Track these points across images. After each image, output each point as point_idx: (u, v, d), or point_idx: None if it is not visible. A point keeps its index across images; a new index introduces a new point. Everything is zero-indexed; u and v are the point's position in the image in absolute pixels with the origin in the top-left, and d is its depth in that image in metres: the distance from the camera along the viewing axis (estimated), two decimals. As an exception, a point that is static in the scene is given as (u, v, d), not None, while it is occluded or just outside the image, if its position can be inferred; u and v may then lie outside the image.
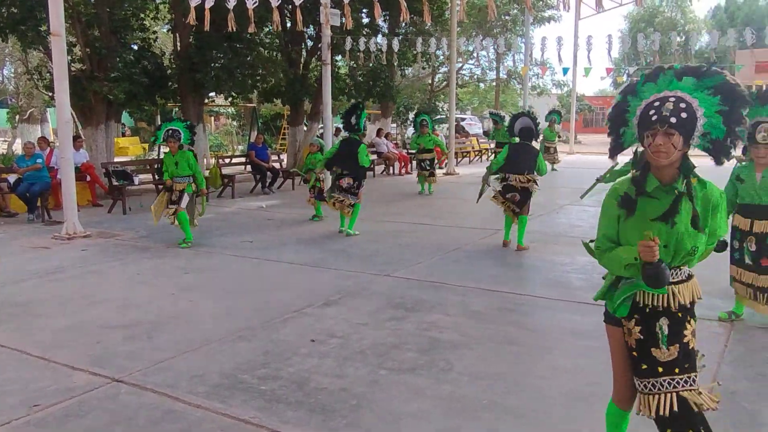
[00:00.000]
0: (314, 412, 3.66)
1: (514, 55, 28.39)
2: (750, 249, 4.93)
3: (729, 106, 2.47)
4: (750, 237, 4.91)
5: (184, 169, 8.24)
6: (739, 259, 5.03)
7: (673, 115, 2.44)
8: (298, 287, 6.32)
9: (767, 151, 4.70)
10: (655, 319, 2.60)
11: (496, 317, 5.35)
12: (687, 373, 2.57)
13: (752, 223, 4.89)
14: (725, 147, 2.50)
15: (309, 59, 18.48)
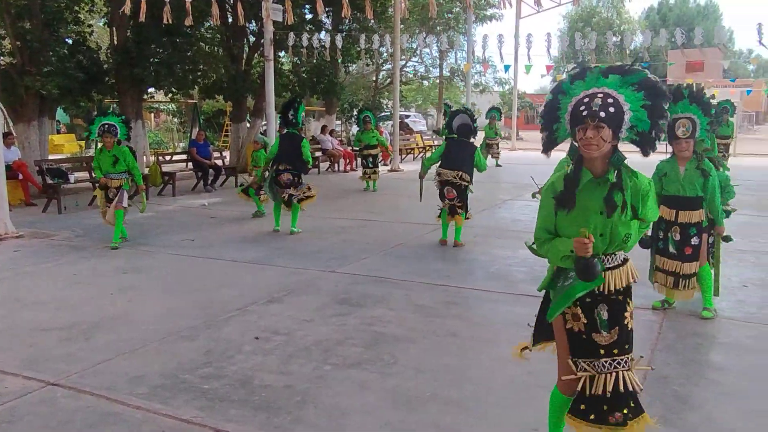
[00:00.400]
0: (258, 409, 3.63)
1: (457, 52, 28.75)
2: (674, 238, 5.16)
3: (652, 101, 2.62)
4: (675, 227, 5.14)
5: (120, 165, 8.01)
6: (663, 248, 5.25)
7: (602, 110, 2.59)
8: (242, 285, 6.25)
9: (687, 144, 4.94)
10: (594, 305, 2.76)
11: (440, 311, 5.42)
12: (626, 354, 2.76)
13: (677, 213, 5.11)
14: (651, 139, 2.66)
15: (251, 55, 18.23)
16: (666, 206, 5.15)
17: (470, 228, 9.07)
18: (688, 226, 5.11)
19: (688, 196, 5.06)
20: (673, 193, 5.12)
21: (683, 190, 5.07)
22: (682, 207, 5.09)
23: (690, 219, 5.10)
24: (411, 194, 12.82)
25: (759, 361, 4.31)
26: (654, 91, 2.64)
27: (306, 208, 9.09)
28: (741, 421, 3.45)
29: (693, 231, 5.11)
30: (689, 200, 5.07)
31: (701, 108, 4.91)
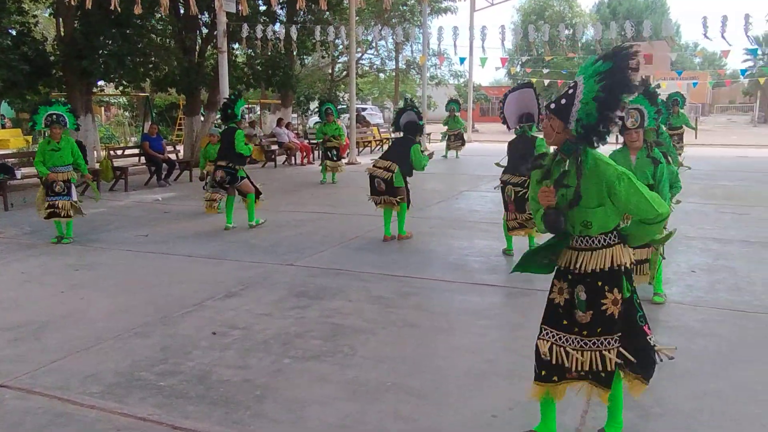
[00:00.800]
0: (216, 405, 3.59)
1: (413, 45, 28.83)
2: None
3: (607, 94, 2.69)
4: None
5: (67, 157, 7.73)
6: None
7: (555, 101, 2.82)
8: (198, 280, 6.16)
9: (638, 134, 5.07)
10: (574, 284, 2.93)
11: (398, 301, 5.45)
12: (597, 337, 2.88)
13: None
14: (597, 131, 2.75)
15: (205, 47, 17.92)
16: None
17: (427, 219, 9.15)
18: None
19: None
20: None
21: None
22: None
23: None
24: (367, 186, 12.82)
25: (707, 344, 4.46)
26: (613, 82, 2.68)
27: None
28: (690, 402, 3.56)
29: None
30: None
31: (648, 98, 5.07)
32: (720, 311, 5.15)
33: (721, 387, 3.75)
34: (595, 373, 2.90)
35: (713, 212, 9.67)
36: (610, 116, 2.72)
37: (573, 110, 2.75)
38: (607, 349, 2.86)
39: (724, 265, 6.57)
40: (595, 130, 2.75)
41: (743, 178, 14.11)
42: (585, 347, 2.89)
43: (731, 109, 62.02)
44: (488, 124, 43.52)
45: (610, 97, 2.69)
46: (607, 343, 2.87)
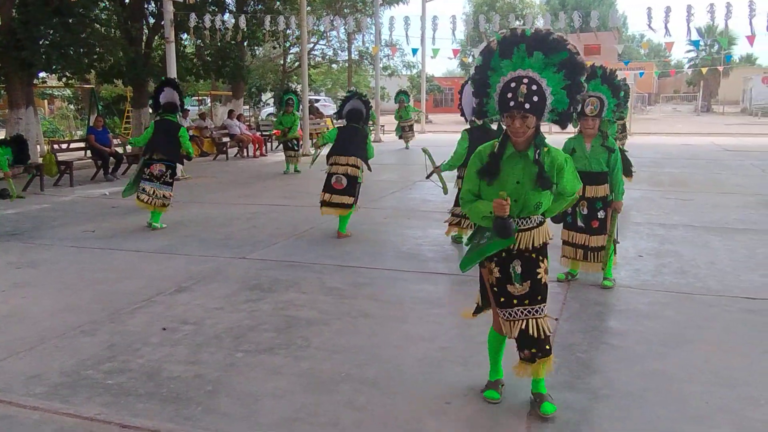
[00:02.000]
0: (167, 401, 3.51)
1: (365, 35, 28.74)
2: (582, 212, 5.39)
3: (572, 80, 2.96)
4: (582, 201, 5.34)
5: None
6: (572, 222, 5.49)
7: (527, 101, 2.93)
8: (147, 276, 6.01)
9: (594, 122, 5.19)
10: (509, 261, 3.19)
11: (352, 292, 5.43)
12: (538, 304, 3.21)
13: (584, 188, 5.24)
14: (569, 115, 3.06)
15: (152, 37, 17.49)
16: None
17: (381, 210, 9.15)
18: (594, 201, 5.35)
19: (594, 172, 5.28)
20: (580, 168, 5.19)
21: (590, 166, 5.27)
22: (588, 182, 5.26)
23: (596, 194, 5.33)
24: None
25: (654, 325, 4.57)
26: (574, 69, 2.95)
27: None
28: (638, 382, 3.65)
29: (599, 205, 5.35)
30: (595, 175, 5.29)
31: (611, 89, 5.16)
32: (666, 294, 5.30)
33: (666, 367, 3.85)
34: (538, 342, 3.20)
35: (659, 198, 9.94)
36: (578, 99, 3.03)
37: (548, 102, 2.99)
38: (542, 317, 3.22)
39: (669, 249, 6.75)
40: (567, 114, 3.04)
41: (687, 165, 14.55)
42: (530, 315, 3.20)
43: (676, 99, 63.82)
44: (442, 114, 43.76)
45: (574, 83, 2.97)
46: (543, 309, 3.23)
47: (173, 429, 3.22)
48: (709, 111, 49.04)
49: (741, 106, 48.03)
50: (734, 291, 5.32)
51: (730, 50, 45.78)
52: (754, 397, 3.47)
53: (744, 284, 5.50)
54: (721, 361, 3.96)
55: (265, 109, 32.76)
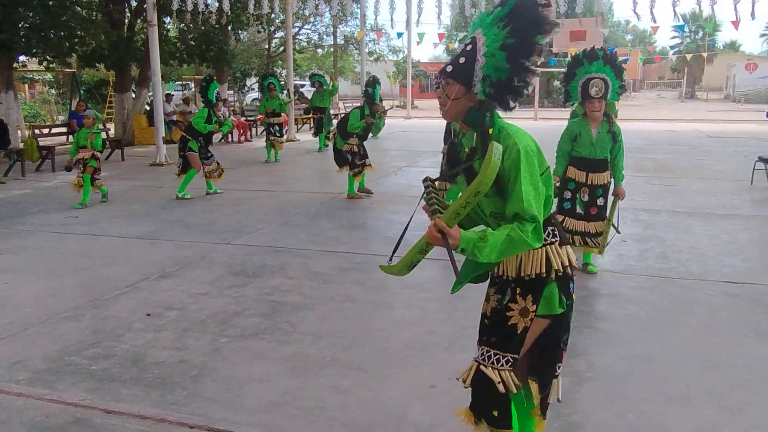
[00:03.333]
0: (152, 387, 3.50)
1: (350, 20, 28.52)
2: (583, 199, 5.31)
3: (517, 37, 2.11)
4: (584, 188, 5.29)
5: None
6: (570, 208, 5.38)
7: (450, 63, 2.25)
8: (132, 261, 5.97)
9: (600, 104, 5.04)
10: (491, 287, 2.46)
11: (337, 277, 5.42)
12: (487, 347, 2.35)
13: (587, 175, 5.25)
14: (510, 87, 2.16)
15: (134, 20, 17.24)
16: (576, 168, 5.29)
17: (368, 195, 9.11)
18: (595, 188, 5.30)
19: (598, 158, 5.25)
20: (586, 155, 5.24)
21: (595, 153, 5.22)
22: (592, 169, 5.24)
23: (598, 181, 5.29)
24: (308, 164, 12.74)
25: (637, 310, 4.62)
26: (522, 23, 2.11)
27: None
28: (621, 365, 3.69)
29: (599, 192, 5.32)
30: (599, 162, 5.26)
31: (614, 71, 5.03)
32: (649, 278, 5.34)
33: (649, 350, 3.90)
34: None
35: (644, 184, 9.99)
36: (525, 65, 2.13)
37: (476, 67, 2.16)
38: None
39: (653, 234, 6.81)
40: (508, 86, 2.15)
41: (671, 152, 14.64)
42: (479, 359, 2.39)
43: (661, 85, 64.07)
44: (427, 100, 43.65)
45: (521, 42, 2.11)
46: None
47: (158, 414, 3.21)
48: (693, 97, 49.38)
49: (725, 93, 48.35)
50: (716, 275, 5.38)
51: (714, 36, 46.02)
52: (734, 379, 3.52)
53: (726, 269, 5.56)
54: (703, 344, 4.01)
55: (250, 94, 32.50)
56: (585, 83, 5.01)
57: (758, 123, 22.03)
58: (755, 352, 3.89)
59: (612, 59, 5.00)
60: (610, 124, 5.19)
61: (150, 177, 11.20)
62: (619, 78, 5.05)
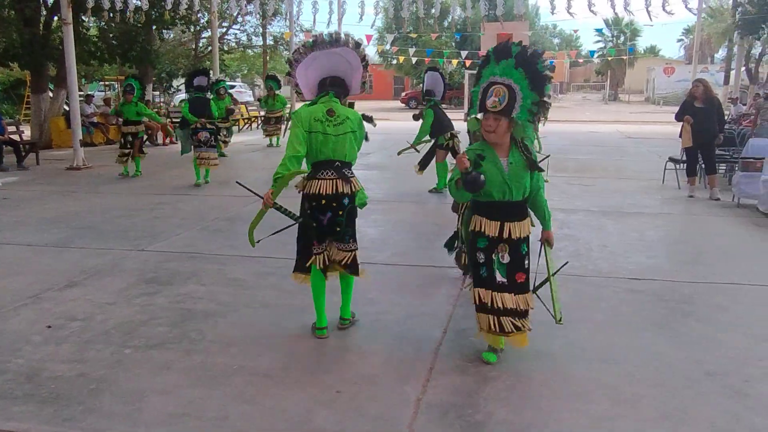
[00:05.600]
0: (46, 402, 3.35)
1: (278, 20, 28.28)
2: (502, 260, 3.65)
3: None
4: (502, 245, 3.62)
5: None
6: (488, 277, 3.67)
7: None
8: (36, 271, 5.71)
9: (496, 123, 3.48)
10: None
11: (254, 282, 5.35)
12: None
13: (502, 226, 3.60)
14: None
15: (50, 18, 16.53)
16: (486, 217, 3.64)
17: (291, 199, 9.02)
18: (519, 243, 3.64)
19: (515, 201, 3.60)
20: (498, 198, 3.58)
21: (510, 193, 3.56)
22: (509, 216, 3.61)
23: (521, 232, 3.65)
24: (233, 165, 12.50)
25: (544, 308, 4.72)
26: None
27: None
28: (525, 363, 3.77)
29: (524, 248, 3.70)
30: (517, 207, 3.64)
31: (530, 77, 3.46)
32: (558, 276, 5.39)
33: (553, 347, 4.00)
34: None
35: (563, 184, 10.29)
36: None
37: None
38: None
39: (567, 233, 7.01)
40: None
41: (592, 152, 15.16)
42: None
43: (586, 88, 66.32)
44: (361, 102, 43.67)
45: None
46: None
47: (50, 431, 3.07)
48: (616, 100, 51.32)
49: (645, 95, 50.46)
50: (622, 272, 5.59)
51: (634, 42, 47.94)
52: (630, 372, 3.66)
53: (631, 265, 5.79)
54: (604, 339, 4.16)
55: (177, 95, 31.72)
56: (485, 89, 3.56)
57: (674, 124, 23.00)
58: (652, 345, 4.05)
59: (530, 62, 3.45)
60: (521, 149, 3.59)
61: (65, 181, 10.77)
62: (537, 90, 3.45)
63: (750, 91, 26.24)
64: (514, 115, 3.48)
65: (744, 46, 24.44)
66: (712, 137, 9.12)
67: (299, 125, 3.99)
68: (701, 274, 5.59)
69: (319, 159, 4.07)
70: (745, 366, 3.75)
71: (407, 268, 5.79)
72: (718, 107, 9.44)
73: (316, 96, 4.16)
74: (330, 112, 4.03)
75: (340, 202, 4.09)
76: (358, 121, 4.15)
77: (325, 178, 4.06)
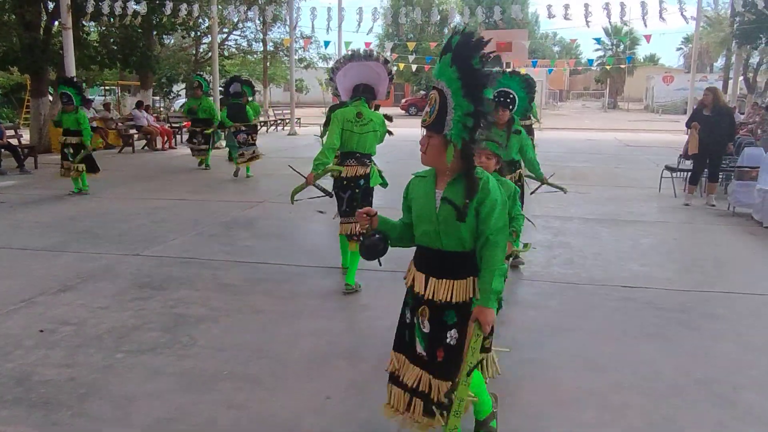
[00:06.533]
0: (35, 407, 3.35)
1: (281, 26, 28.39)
2: (422, 329, 2.65)
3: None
4: (424, 308, 2.63)
5: None
6: (409, 343, 2.74)
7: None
8: (30, 275, 5.72)
9: (425, 140, 2.53)
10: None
11: (246, 288, 5.35)
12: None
13: (427, 281, 2.62)
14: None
15: (51, 23, 16.58)
16: (416, 266, 2.72)
17: (287, 205, 9.04)
18: (442, 309, 2.59)
19: (446, 252, 2.57)
20: (425, 243, 2.64)
21: (438, 239, 2.57)
22: (436, 270, 2.62)
23: (449, 295, 2.57)
24: (231, 170, 12.51)
25: (536, 315, 4.75)
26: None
27: None
28: (515, 370, 3.77)
29: (452, 318, 2.58)
30: (449, 259, 2.59)
31: (464, 80, 2.39)
32: (552, 284, 5.50)
33: (543, 355, 4.01)
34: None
35: (559, 191, 10.28)
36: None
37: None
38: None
39: (561, 241, 7.03)
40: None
41: (589, 160, 15.18)
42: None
43: (585, 95, 66.42)
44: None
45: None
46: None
47: (38, 435, 3.08)
48: (616, 108, 51.40)
49: (644, 104, 50.54)
50: (615, 280, 5.60)
51: (633, 51, 48.09)
52: (619, 381, 3.66)
53: (625, 273, 5.80)
54: (595, 347, 4.16)
55: (178, 100, 31.79)
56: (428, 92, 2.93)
57: (672, 132, 23.11)
58: (643, 353, 4.06)
59: (464, 56, 2.39)
60: (466, 188, 2.49)
61: (62, 186, 10.75)
62: (471, 97, 2.39)
63: (748, 99, 26.32)
64: (446, 131, 2.44)
65: (742, 56, 24.54)
66: (718, 146, 9.10)
67: (337, 123, 5.11)
68: (694, 283, 5.60)
69: (346, 150, 5.23)
70: (735, 375, 3.76)
71: (401, 275, 5.79)
72: (728, 116, 9.38)
73: (350, 99, 5.29)
74: (359, 115, 5.16)
75: (357, 182, 5.29)
76: (380, 122, 5.34)
77: (348, 165, 5.27)
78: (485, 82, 2.41)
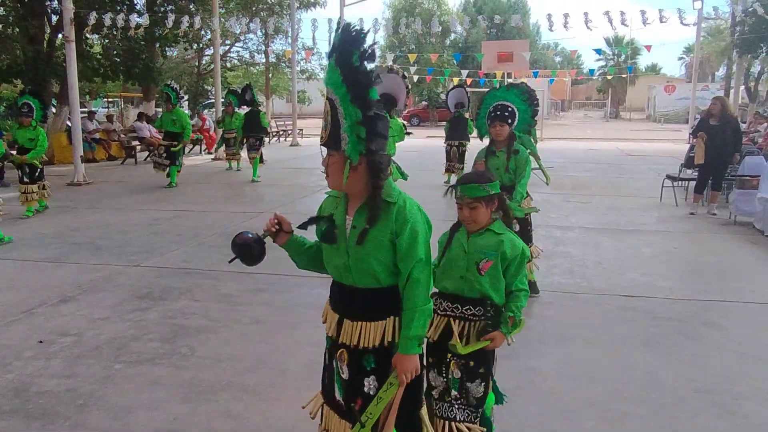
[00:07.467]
0: (32, 418, 3.35)
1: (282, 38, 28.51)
2: (341, 374, 2.36)
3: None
4: (341, 351, 2.33)
5: None
6: (328, 386, 2.46)
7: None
8: (30, 286, 5.73)
9: (328, 160, 2.22)
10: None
11: (246, 298, 5.36)
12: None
13: (340, 322, 2.34)
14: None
15: (54, 35, 16.70)
16: (330, 305, 2.47)
17: (289, 215, 8.99)
18: (361, 354, 2.28)
19: (360, 288, 2.29)
20: (336, 277, 2.39)
21: (349, 274, 2.29)
22: (350, 311, 2.32)
23: (365, 339, 2.26)
24: (232, 181, 12.56)
25: (536, 324, 4.71)
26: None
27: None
28: (512, 380, 3.74)
29: (370, 363, 2.27)
30: (362, 297, 2.29)
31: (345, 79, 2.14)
32: (552, 293, 5.49)
33: (541, 364, 4.00)
34: None
35: (560, 201, 10.31)
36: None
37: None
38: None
39: (562, 250, 7.02)
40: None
41: (591, 169, 15.18)
42: None
43: (587, 105, 66.50)
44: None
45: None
46: None
47: (35, 446, 3.08)
48: (618, 117, 51.45)
49: (646, 113, 50.57)
50: (615, 289, 5.59)
51: (634, 61, 48.19)
52: (618, 390, 3.65)
53: (625, 283, 5.79)
54: (593, 357, 4.15)
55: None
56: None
57: (674, 142, 23.12)
58: (642, 363, 4.05)
59: (345, 55, 2.06)
60: (370, 213, 2.21)
61: (65, 197, 10.82)
62: (358, 102, 2.07)
63: (750, 109, 26.34)
64: (343, 147, 2.11)
65: (743, 65, 24.58)
66: (724, 155, 9.07)
67: None
68: (695, 292, 5.59)
69: None
70: (735, 384, 3.75)
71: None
72: (734, 125, 9.34)
73: None
74: None
75: None
76: (398, 128, 6.55)
77: None
78: (368, 81, 2.05)
